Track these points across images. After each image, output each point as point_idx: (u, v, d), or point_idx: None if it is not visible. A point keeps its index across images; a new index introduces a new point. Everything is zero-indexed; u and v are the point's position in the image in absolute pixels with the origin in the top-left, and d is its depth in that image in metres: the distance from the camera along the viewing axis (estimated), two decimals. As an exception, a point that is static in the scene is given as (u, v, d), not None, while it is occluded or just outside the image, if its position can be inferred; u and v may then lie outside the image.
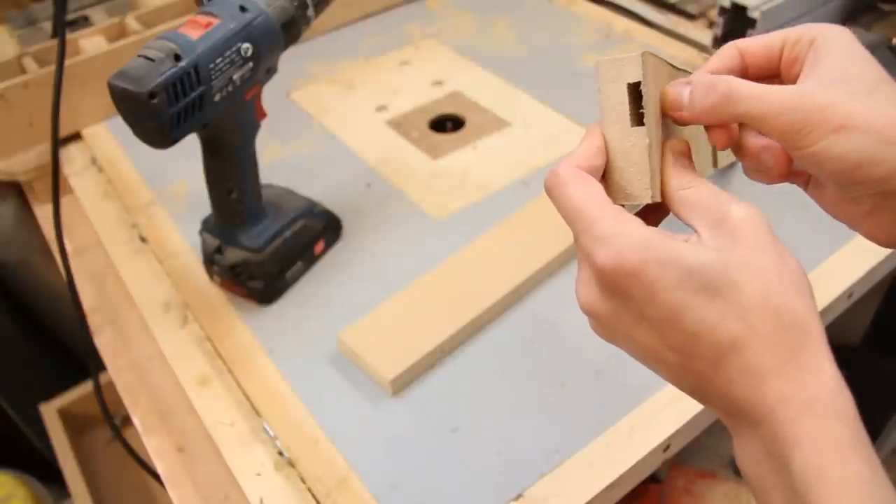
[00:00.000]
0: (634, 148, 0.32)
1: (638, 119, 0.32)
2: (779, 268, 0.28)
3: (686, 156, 0.33)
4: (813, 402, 0.27)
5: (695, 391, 0.31)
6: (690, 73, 0.36)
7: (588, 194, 0.31)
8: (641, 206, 0.36)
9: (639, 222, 0.29)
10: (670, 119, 0.34)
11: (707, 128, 0.33)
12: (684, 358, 0.29)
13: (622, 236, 0.29)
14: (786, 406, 0.27)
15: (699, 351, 0.28)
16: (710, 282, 0.28)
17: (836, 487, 0.25)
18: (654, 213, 0.35)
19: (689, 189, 0.31)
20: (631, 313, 0.30)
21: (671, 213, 0.33)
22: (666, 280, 0.28)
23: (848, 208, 0.33)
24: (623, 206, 0.33)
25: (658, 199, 0.33)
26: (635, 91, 0.32)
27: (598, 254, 0.29)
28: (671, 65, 0.35)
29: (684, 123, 0.33)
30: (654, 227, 0.29)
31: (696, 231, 0.30)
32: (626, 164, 0.33)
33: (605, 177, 0.33)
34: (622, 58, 0.32)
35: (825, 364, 0.27)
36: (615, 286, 0.29)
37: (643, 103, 0.32)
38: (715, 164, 0.48)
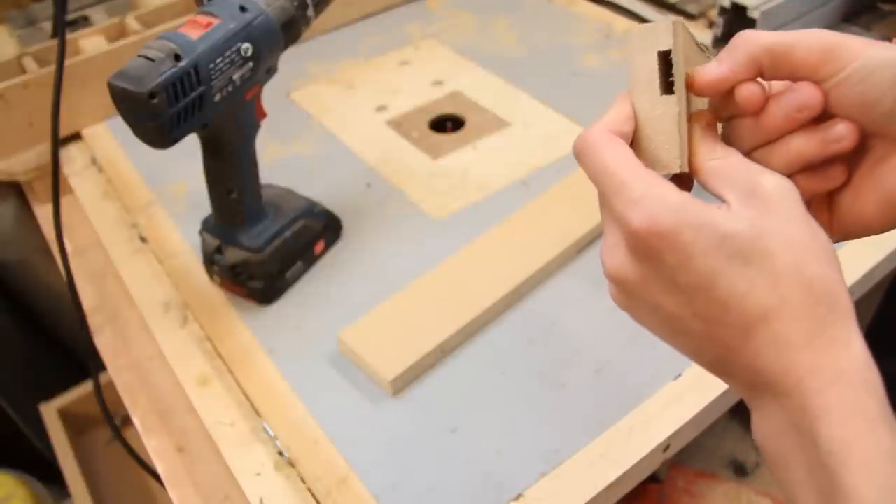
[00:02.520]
0: (664, 116, 0.32)
1: (668, 87, 0.32)
2: (811, 239, 0.28)
3: (713, 127, 0.33)
4: (842, 374, 0.26)
5: (716, 363, 0.30)
6: (713, 51, 0.36)
7: (620, 156, 0.30)
8: (669, 177, 0.35)
9: (672, 186, 0.29)
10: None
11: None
12: (711, 326, 0.29)
13: (657, 199, 0.28)
14: (814, 377, 0.26)
15: (728, 319, 0.28)
16: (743, 249, 0.27)
17: (865, 459, 0.25)
18: (679, 185, 0.35)
19: (719, 159, 0.31)
20: (660, 279, 0.29)
21: (695, 186, 0.32)
22: (700, 245, 0.27)
23: (862, 199, 0.32)
24: None
25: (686, 169, 0.32)
26: (665, 59, 0.31)
27: (632, 216, 0.28)
28: (696, 42, 0.35)
29: (715, 92, 0.32)
30: (687, 192, 0.29)
31: (725, 201, 0.29)
32: (654, 132, 0.32)
33: (633, 145, 0.33)
34: (654, 25, 0.32)
35: (854, 337, 0.27)
36: (647, 250, 0.29)
37: (673, 72, 0.31)
38: None
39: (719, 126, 0.34)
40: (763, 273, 0.27)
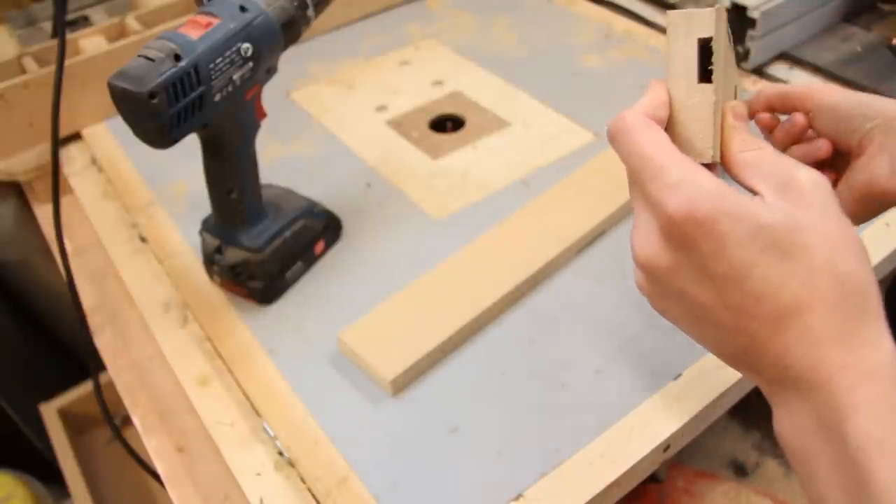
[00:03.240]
0: (700, 104, 0.32)
1: (706, 76, 0.32)
2: (845, 235, 0.28)
3: (745, 118, 0.33)
4: (872, 372, 0.26)
5: (741, 355, 0.30)
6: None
7: (657, 141, 0.30)
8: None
9: (709, 174, 0.29)
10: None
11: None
12: (740, 318, 0.28)
13: (695, 185, 0.28)
14: (845, 374, 0.26)
15: (759, 311, 0.28)
16: (780, 242, 0.27)
17: (894, 455, 0.25)
18: None
19: (753, 151, 0.31)
20: (693, 267, 0.29)
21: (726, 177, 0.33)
22: (737, 234, 0.27)
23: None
24: None
25: (718, 160, 0.32)
26: (705, 47, 0.31)
27: (669, 201, 0.28)
28: (729, 32, 0.35)
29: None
30: (724, 182, 0.29)
31: (758, 194, 0.29)
32: (689, 120, 0.32)
33: (667, 132, 0.33)
34: (695, 11, 0.31)
35: (884, 335, 0.27)
36: (683, 237, 0.28)
37: (712, 60, 0.31)
38: None
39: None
40: (799, 266, 0.27)
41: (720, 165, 0.33)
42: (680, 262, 0.29)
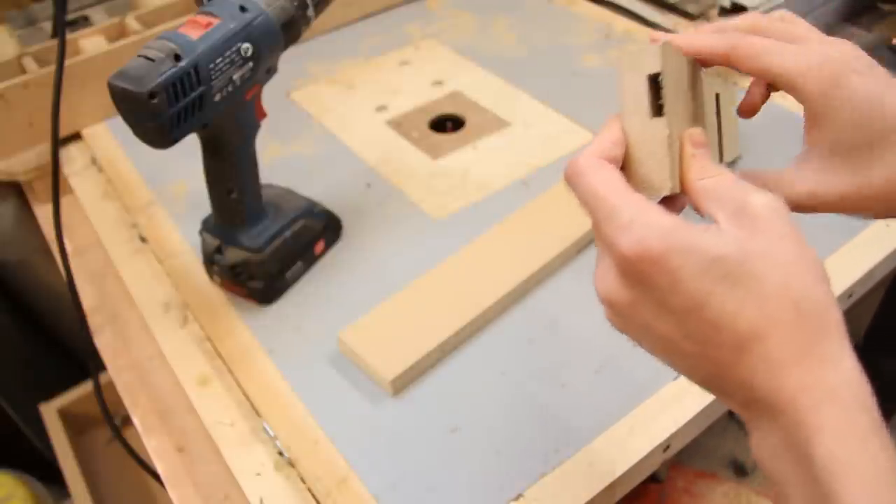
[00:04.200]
0: (654, 139, 0.32)
1: (657, 110, 0.32)
2: (799, 257, 0.28)
3: (704, 146, 0.33)
4: (834, 391, 0.27)
5: (711, 382, 0.30)
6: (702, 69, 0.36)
7: (609, 182, 0.31)
8: (660, 198, 0.35)
9: (661, 210, 0.29)
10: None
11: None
12: (703, 348, 0.29)
13: (645, 224, 0.29)
14: (806, 395, 0.27)
15: (719, 340, 0.28)
16: (731, 271, 0.28)
17: (859, 475, 0.25)
18: (672, 206, 0.35)
19: (709, 179, 0.31)
20: (651, 302, 0.29)
21: (688, 206, 0.33)
22: (689, 268, 0.28)
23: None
24: None
25: (677, 191, 0.32)
26: (655, 82, 0.32)
27: (621, 241, 0.29)
28: (688, 59, 0.35)
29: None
30: (676, 216, 0.29)
31: (715, 221, 0.30)
32: (645, 155, 0.32)
33: (625, 169, 0.33)
34: (642, 49, 0.32)
35: (844, 354, 0.27)
36: (637, 274, 0.29)
37: (662, 94, 0.32)
38: (721, 158, 0.48)
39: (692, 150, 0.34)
40: (752, 293, 0.28)
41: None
42: (638, 298, 0.30)
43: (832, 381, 0.27)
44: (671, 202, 0.35)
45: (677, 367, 0.32)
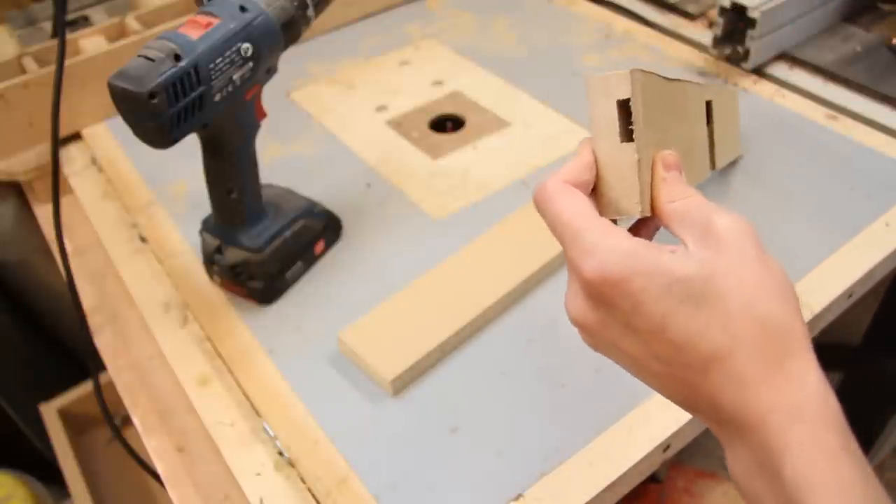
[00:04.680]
0: (624, 163, 0.32)
1: (627, 135, 0.32)
2: (763, 276, 0.28)
3: (676, 168, 0.33)
4: (800, 410, 0.27)
5: (683, 400, 0.31)
6: (685, 82, 0.36)
7: (574, 207, 0.31)
8: (634, 221, 0.36)
9: (624, 234, 0.30)
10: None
11: None
12: (670, 368, 0.29)
13: (607, 248, 0.29)
14: (774, 415, 0.27)
15: (685, 360, 0.29)
16: (694, 292, 0.28)
17: (827, 495, 0.25)
18: (647, 227, 0.35)
19: (677, 201, 0.32)
20: (617, 323, 0.30)
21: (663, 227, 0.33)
22: (651, 291, 0.28)
23: None
24: (615, 220, 0.33)
25: (648, 213, 0.33)
26: (625, 107, 0.32)
27: (584, 265, 0.30)
28: (664, 77, 0.35)
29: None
30: (640, 239, 0.30)
31: (683, 242, 0.30)
32: (615, 179, 0.33)
33: (597, 192, 0.34)
34: (611, 75, 0.32)
35: (811, 371, 0.28)
36: (601, 297, 0.30)
37: (632, 119, 0.32)
38: (713, 165, 0.48)
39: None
40: (715, 314, 0.28)
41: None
42: (605, 320, 0.31)
43: (798, 399, 0.27)
44: (646, 224, 0.35)
45: (651, 385, 0.32)
